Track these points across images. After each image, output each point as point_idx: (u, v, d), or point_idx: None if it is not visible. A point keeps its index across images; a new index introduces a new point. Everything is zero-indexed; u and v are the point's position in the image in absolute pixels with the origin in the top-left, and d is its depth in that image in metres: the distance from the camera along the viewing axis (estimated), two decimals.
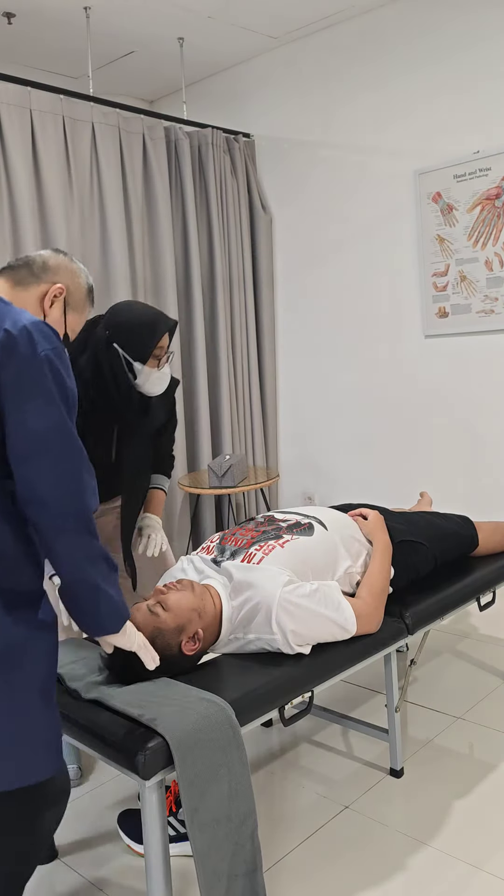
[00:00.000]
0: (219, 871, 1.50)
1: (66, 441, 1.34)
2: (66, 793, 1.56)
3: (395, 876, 1.82)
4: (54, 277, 1.56)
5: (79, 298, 1.61)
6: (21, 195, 3.53)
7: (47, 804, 1.47)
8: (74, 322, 1.63)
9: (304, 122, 4.43)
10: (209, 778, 1.51)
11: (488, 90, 3.67)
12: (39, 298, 1.55)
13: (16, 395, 1.31)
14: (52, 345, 1.36)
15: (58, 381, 1.35)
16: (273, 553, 1.97)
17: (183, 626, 1.76)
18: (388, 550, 2.19)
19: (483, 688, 2.71)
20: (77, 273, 1.61)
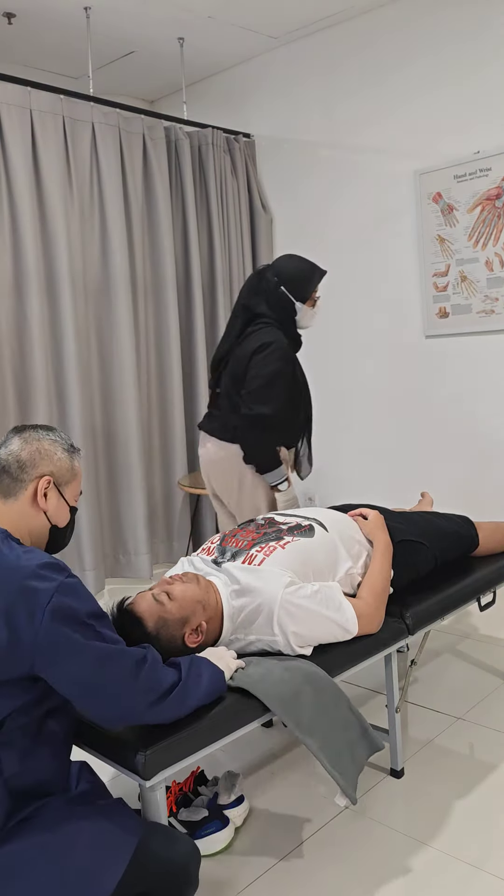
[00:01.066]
0: (340, 748, 1.73)
1: (109, 670, 1.39)
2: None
3: (395, 876, 1.82)
4: (35, 471, 1.52)
5: (66, 471, 1.56)
6: (21, 195, 3.53)
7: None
8: (73, 491, 1.59)
9: (304, 122, 4.43)
10: (293, 694, 1.70)
11: (488, 90, 3.67)
12: (32, 501, 1.52)
13: (44, 661, 1.35)
14: (48, 594, 1.35)
15: (75, 623, 1.36)
16: (274, 554, 1.97)
17: (187, 617, 1.75)
18: (389, 550, 2.19)
19: (483, 688, 2.71)
20: (52, 450, 1.55)
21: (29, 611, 1.33)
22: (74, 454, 1.60)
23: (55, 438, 1.57)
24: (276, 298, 2.70)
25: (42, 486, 1.52)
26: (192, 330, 4.35)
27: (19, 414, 3.63)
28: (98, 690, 1.39)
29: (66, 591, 1.37)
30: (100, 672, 1.38)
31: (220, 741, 1.65)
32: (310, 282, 2.71)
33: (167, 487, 4.31)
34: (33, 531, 1.53)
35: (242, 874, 1.86)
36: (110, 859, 1.36)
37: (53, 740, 1.46)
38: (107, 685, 1.40)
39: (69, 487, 1.57)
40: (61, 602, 1.35)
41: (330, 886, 1.81)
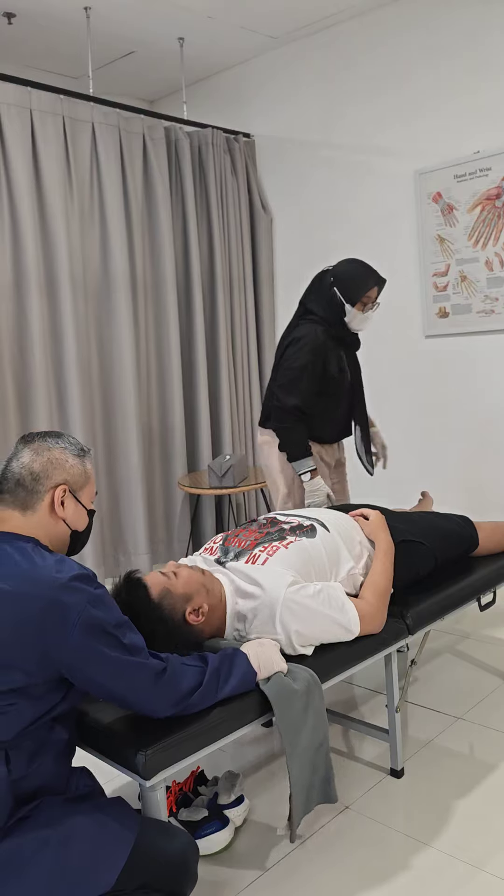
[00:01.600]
0: (304, 784, 1.76)
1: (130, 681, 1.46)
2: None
3: (395, 876, 1.82)
4: (49, 482, 1.53)
5: (80, 476, 1.58)
6: (21, 195, 3.53)
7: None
8: (89, 494, 1.60)
9: (304, 122, 4.43)
10: (301, 720, 1.73)
11: (489, 90, 3.67)
12: (50, 510, 1.53)
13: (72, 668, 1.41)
14: (80, 608, 1.39)
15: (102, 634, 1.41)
16: (277, 554, 1.97)
17: (191, 594, 1.80)
18: (391, 551, 2.19)
19: (483, 688, 2.71)
20: (63, 458, 1.56)
21: (61, 623, 1.37)
22: (85, 457, 1.61)
23: (65, 445, 1.58)
24: (327, 298, 2.81)
25: (58, 496, 1.53)
26: (192, 330, 4.35)
27: (19, 414, 3.63)
28: (121, 697, 1.47)
29: (95, 602, 1.41)
30: (122, 682, 1.45)
31: (220, 741, 1.65)
32: (361, 286, 2.77)
33: (167, 487, 4.31)
34: (54, 539, 1.55)
35: (242, 874, 1.86)
36: (110, 853, 1.37)
37: (59, 746, 1.48)
38: (127, 694, 1.47)
39: (84, 492, 1.59)
40: (91, 615, 1.39)
41: (330, 886, 1.81)
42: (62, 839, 1.36)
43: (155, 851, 1.42)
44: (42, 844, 1.35)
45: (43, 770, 1.44)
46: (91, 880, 1.34)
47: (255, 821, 2.06)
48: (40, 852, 1.34)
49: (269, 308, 4.72)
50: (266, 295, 4.70)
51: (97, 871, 1.35)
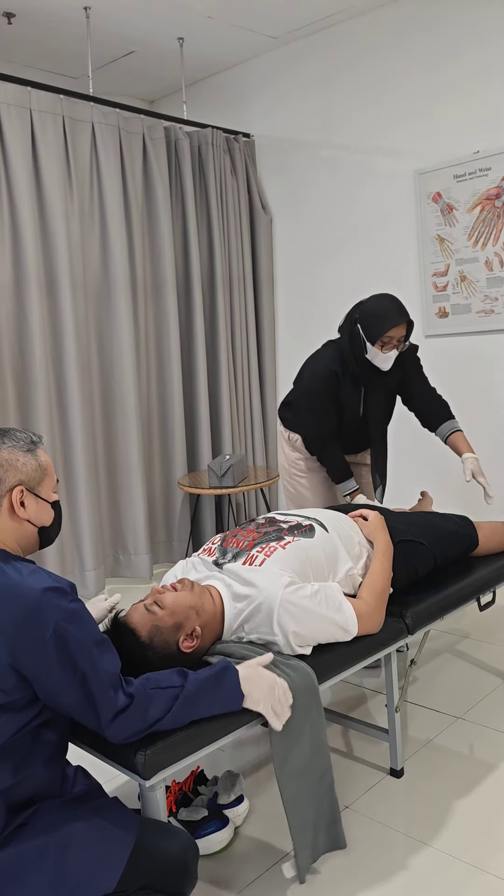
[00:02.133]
0: (307, 820, 1.72)
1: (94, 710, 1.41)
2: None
3: (395, 876, 1.82)
4: (4, 486, 1.50)
5: (35, 472, 1.53)
6: (21, 195, 3.53)
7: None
8: (49, 486, 1.57)
9: (304, 122, 4.43)
10: (296, 733, 1.70)
11: (488, 90, 3.67)
12: (11, 514, 1.50)
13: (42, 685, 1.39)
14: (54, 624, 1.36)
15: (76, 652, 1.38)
16: (275, 554, 1.97)
17: (180, 623, 1.76)
18: (390, 551, 2.19)
19: (483, 688, 2.71)
20: (12, 458, 1.52)
21: (36, 638, 1.35)
22: (36, 449, 1.56)
23: (12, 444, 1.53)
24: (351, 332, 2.75)
25: (16, 498, 1.50)
26: (192, 330, 4.35)
27: (19, 414, 3.63)
28: (84, 719, 1.44)
29: (70, 618, 1.39)
30: (86, 709, 1.41)
31: (220, 741, 1.65)
32: (380, 326, 2.65)
33: (167, 487, 4.31)
34: (21, 540, 1.53)
35: (242, 874, 1.87)
36: (110, 858, 1.37)
37: (48, 750, 1.47)
38: (90, 720, 1.43)
39: (43, 486, 1.55)
40: (64, 630, 1.37)
41: (330, 886, 1.81)
42: (61, 846, 1.36)
43: (155, 852, 1.42)
44: (41, 852, 1.34)
45: (33, 777, 1.43)
46: (92, 885, 1.34)
47: (255, 821, 2.06)
48: (40, 861, 1.33)
49: (269, 308, 4.72)
50: (266, 295, 4.70)
51: (98, 876, 1.35)
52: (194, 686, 1.54)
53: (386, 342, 2.68)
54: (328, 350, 2.83)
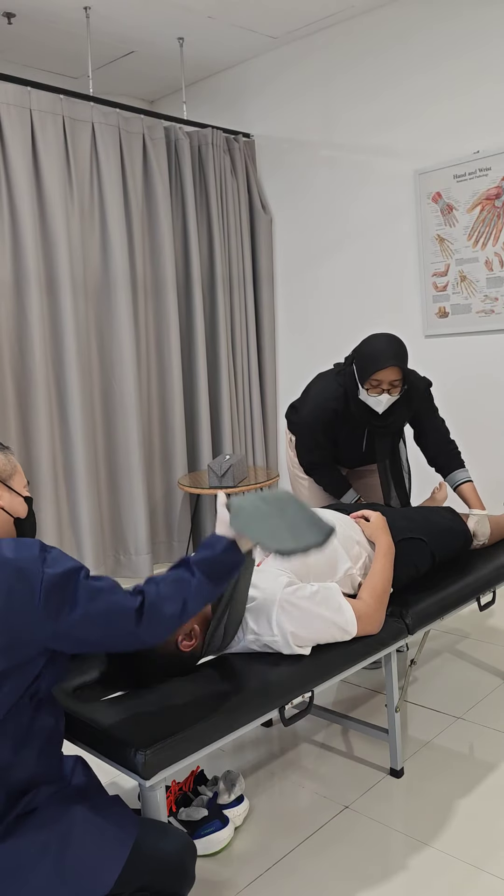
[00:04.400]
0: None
1: (115, 629, 1.40)
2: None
3: (395, 876, 1.82)
4: None
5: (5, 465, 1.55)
6: (21, 195, 3.53)
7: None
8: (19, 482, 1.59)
9: (304, 122, 4.43)
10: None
11: (488, 90, 3.67)
12: None
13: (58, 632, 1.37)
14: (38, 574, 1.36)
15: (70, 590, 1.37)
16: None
17: None
18: (391, 552, 2.19)
19: (483, 688, 2.71)
20: None
21: (28, 596, 1.34)
22: (6, 451, 1.60)
23: None
24: (348, 371, 2.62)
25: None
26: (192, 330, 4.35)
27: (19, 414, 3.63)
28: (111, 645, 1.43)
29: (50, 563, 1.38)
30: (107, 631, 1.40)
31: (220, 741, 1.65)
32: (367, 368, 2.49)
33: (167, 487, 4.31)
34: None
35: (242, 874, 1.87)
36: (108, 856, 1.37)
37: (45, 732, 1.47)
38: (116, 641, 1.42)
39: (14, 480, 1.57)
40: (51, 575, 1.36)
41: (330, 886, 1.81)
42: (61, 843, 1.36)
43: (153, 853, 1.42)
44: (41, 848, 1.34)
45: (31, 758, 1.43)
46: (90, 884, 1.34)
47: (255, 821, 2.06)
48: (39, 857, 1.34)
49: (269, 308, 4.72)
50: (266, 295, 4.70)
51: (96, 875, 1.35)
52: (198, 571, 1.51)
53: (374, 385, 2.51)
54: (333, 384, 2.67)
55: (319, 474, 2.85)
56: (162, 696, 1.69)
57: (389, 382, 2.50)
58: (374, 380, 2.49)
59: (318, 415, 2.68)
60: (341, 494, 2.83)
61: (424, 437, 2.77)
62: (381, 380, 2.49)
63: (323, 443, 2.75)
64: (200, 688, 1.72)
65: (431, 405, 2.75)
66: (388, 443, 2.75)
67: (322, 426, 2.70)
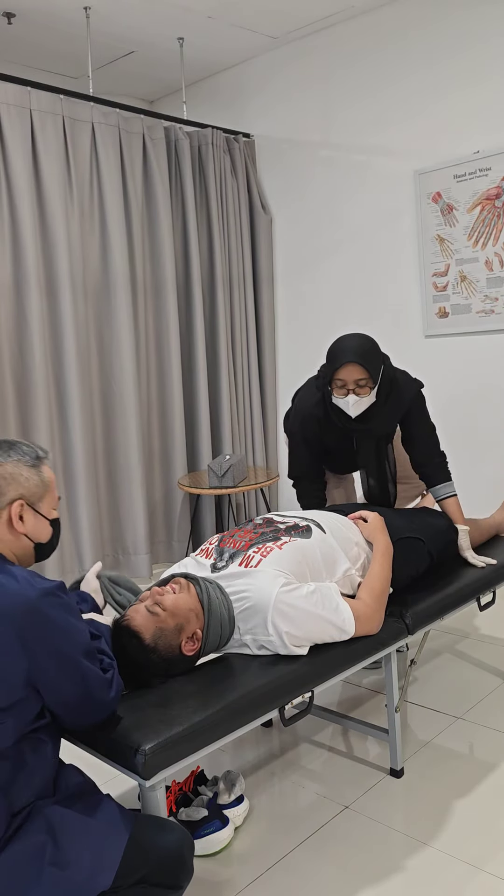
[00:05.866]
0: None
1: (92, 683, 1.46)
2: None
3: (395, 876, 1.82)
4: (4, 499, 1.49)
5: (36, 488, 1.52)
6: (21, 195, 3.53)
7: None
8: (49, 503, 1.56)
9: (304, 122, 4.43)
10: None
11: (488, 90, 3.67)
12: (8, 527, 1.49)
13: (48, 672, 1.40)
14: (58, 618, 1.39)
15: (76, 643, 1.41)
16: (271, 555, 1.97)
17: (182, 625, 1.76)
18: (389, 552, 2.19)
19: (483, 688, 2.71)
20: (16, 472, 1.50)
21: (41, 634, 1.36)
22: (40, 464, 1.55)
23: (17, 458, 1.52)
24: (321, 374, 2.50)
25: (15, 512, 1.49)
26: (192, 330, 4.35)
27: (19, 414, 3.63)
28: (81, 711, 1.46)
29: (69, 610, 1.41)
30: (84, 694, 1.44)
31: (220, 741, 1.65)
32: (328, 368, 2.39)
33: (167, 487, 4.31)
34: (17, 553, 1.53)
35: (242, 874, 1.87)
36: (105, 855, 1.38)
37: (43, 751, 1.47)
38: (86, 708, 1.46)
39: (44, 502, 1.55)
40: (67, 623, 1.40)
41: (330, 886, 1.81)
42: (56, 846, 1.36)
43: (150, 847, 1.43)
44: (37, 851, 1.34)
45: (31, 777, 1.44)
46: (89, 881, 1.34)
47: (255, 821, 2.06)
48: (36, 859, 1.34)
49: (269, 308, 4.72)
50: (266, 295, 4.70)
51: (94, 872, 1.35)
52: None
53: (339, 386, 2.37)
54: (313, 390, 2.57)
55: (301, 487, 2.72)
56: (162, 696, 1.69)
57: (354, 382, 2.35)
58: (338, 380, 2.37)
59: (302, 423, 2.59)
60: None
61: (411, 443, 2.62)
62: (345, 379, 2.35)
63: (304, 452, 2.64)
64: (200, 688, 1.72)
65: (422, 411, 2.59)
66: (372, 447, 2.63)
67: (309, 434, 2.59)
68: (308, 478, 2.70)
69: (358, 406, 2.40)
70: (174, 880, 1.44)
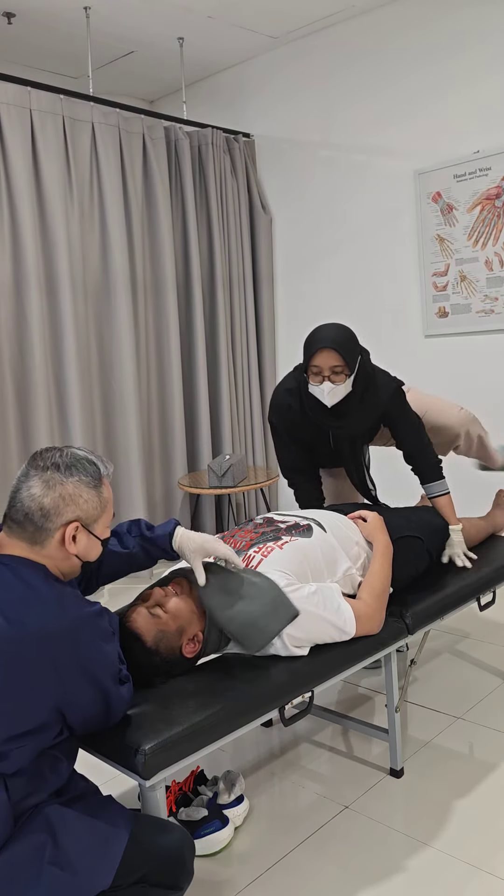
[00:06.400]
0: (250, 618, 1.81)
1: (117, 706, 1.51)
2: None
3: (395, 876, 1.82)
4: (61, 519, 1.44)
5: (94, 510, 1.49)
6: (21, 195, 3.53)
7: None
8: (104, 523, 1.52)
9: (304, 122, 4.43)
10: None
11: (488, 90, 3.67)
12: (60, 546, 1.46)
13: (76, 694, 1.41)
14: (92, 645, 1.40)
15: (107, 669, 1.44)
16: (272, 555, 1.96)
17: (184, 627, 1.75)
18: (389, 552, 2.19)
19: (483, 688, 2.71)
20: (77, 493, 1.46)
21: (74, 660, 1.38)
22: (101, 483, 1.51)
23: (79, 477, 1.47)
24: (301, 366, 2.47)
25: (69, 533, 1.46)
26: (192, 330, 4.35)
27: (19, 414, 3.63)
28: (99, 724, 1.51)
29: (106, 638, 1.44)
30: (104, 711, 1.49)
31: (220, 741, 1.65)
32: (305, 353, 2.36)
33: (167, 487, 4.31)
34: (64, 570, 1.51)
35: (242, 874, 1.87)
36: (105, 854, 1.38)
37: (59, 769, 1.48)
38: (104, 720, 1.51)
39: (99, 523, 1.51)
40: (101, 651, 1.42)
41: (330, 886, 1.81)
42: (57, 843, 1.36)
43: (150, 847, 1.43)
44: (37, 850, 1.35)
45: (44, 791, 1.44)
46: (89, 881, 1.34)
47: (255, 821, 2.06)
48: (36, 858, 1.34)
49: (269, 308, 4.72)
50: (266, 295, 4.70)
51: (94, 872, 1.36)
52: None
53: (315, 372, 2.33)
54: (290, 379, 2.52)
55: (292, 483, 2.68)
56: (162, 696, 1.69)
57: (330, 368, 2.31)
58: (314, 366, 2.33)
59: (276, 411, 2.55)
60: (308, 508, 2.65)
61: (401, 444, 2.55)
62: (321, 366, 2.31)
63: (286, 443, 2.59)
64: (200, 688, 1.72)
65: (403, 409, 2.50)
66: (347, 447, 2.56)
67: (281, 423, 2.54)
68: (297, 472, 2.64)
69: (333, 395, 2.35)
70: (174, 881, 1.44)
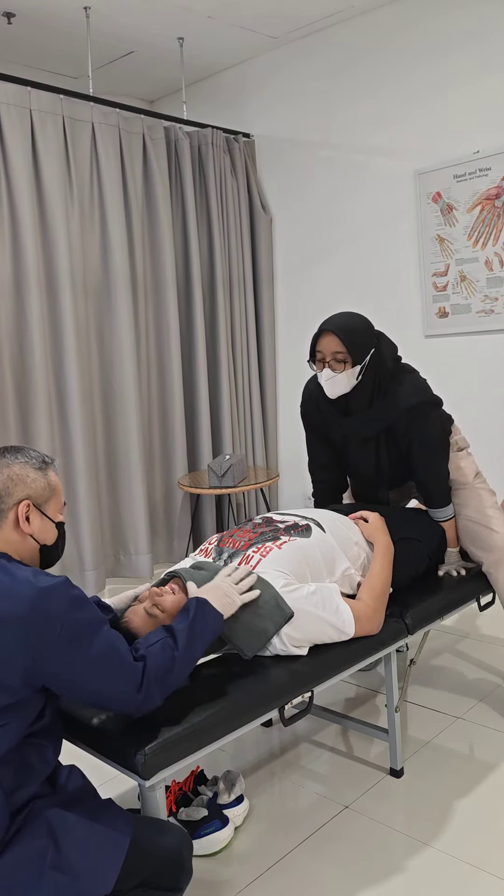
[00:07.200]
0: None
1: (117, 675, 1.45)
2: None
3: (395, 876, 1.82)
4: (11, 499, 1.51)
5: (43, 490, 1.55)
6: (21, 195, 3.53)
7: None
8: (55, 506, 1.58)
9: (304, 122, 4.43)
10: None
11: (488, 89, 3.67)
12: (15, 527, 1.51)
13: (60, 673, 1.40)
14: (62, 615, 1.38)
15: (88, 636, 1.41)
16: (270, 555, 1.96)
17: None
18: (390, 552, 2.19)
19: (483, 688, 2.71)
20: (23, 473, 1.53)
21: (46, 633, 1.36)
22: (47, 469, 1.58)
23: (24, 460, 1.55)
24: None
25: (22, 511, 1.51)
26: (192, 330, 4.35)
27: (19, 414, 3.63)
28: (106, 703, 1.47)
29: (76, 605, 1.41)
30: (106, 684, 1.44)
31: (220, 741, 1.65)
32: (312, 340, 2.31)
33: (167, 487, 4.31)
34: (23, 554, 1.54)
35: (242, 874, 1.87)
36: (106, 860, 1.38)
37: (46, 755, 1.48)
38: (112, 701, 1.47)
39: (50, 505, 1.57)
40: (73, 619, 1.39)
41: (330, 886, 1.81)
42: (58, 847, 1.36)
43: (150, 850, 1.43)
44: (39, 855, 1.35)
45: (31, 779, 1.44)
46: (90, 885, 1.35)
47: (255, 821, 2.06)
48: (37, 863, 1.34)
49: (269, 308, 4.72)
50: (266, 295, 4.70)
51: (96, 876, 1.36)
52: (184, 635, 1.58)
53: (319, 359, 2.28)
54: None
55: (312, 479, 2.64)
56: None
57: (331, 354, 2.23)
58: (318, 352, 2.27)
59: (306, 402, 2.52)
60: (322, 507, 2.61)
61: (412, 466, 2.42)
62: (323, 351, 2.25)
63: (311, 437, 2.54)
64: (200, 688, 1.72)
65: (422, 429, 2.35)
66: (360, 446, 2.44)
67: (307, 412, 2.51)
68: (319, 468, 2.59)
69: (333, 383, 2.26)
70: (173, 882, 1.45)
